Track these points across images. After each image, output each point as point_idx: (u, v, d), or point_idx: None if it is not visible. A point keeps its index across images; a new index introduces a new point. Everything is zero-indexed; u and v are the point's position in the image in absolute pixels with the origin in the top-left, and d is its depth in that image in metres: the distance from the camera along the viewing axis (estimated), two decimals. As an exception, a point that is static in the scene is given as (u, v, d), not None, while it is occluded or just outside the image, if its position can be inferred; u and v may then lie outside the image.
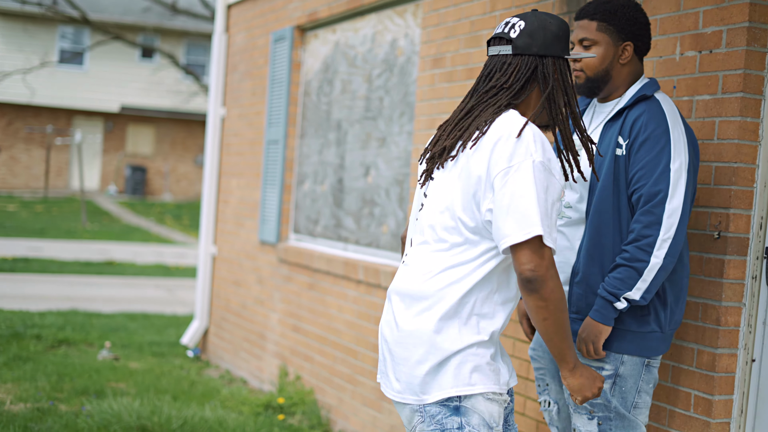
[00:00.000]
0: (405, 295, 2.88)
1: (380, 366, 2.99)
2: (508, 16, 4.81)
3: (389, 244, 6.11)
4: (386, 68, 6.25)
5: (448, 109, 5.31)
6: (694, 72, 3.67)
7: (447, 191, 2.84)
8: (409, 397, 2.82)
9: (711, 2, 3.61)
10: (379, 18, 6.37)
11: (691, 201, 3.27)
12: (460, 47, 5.24)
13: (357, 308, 6.18)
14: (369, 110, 6.45)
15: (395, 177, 6.06)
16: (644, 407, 3.36)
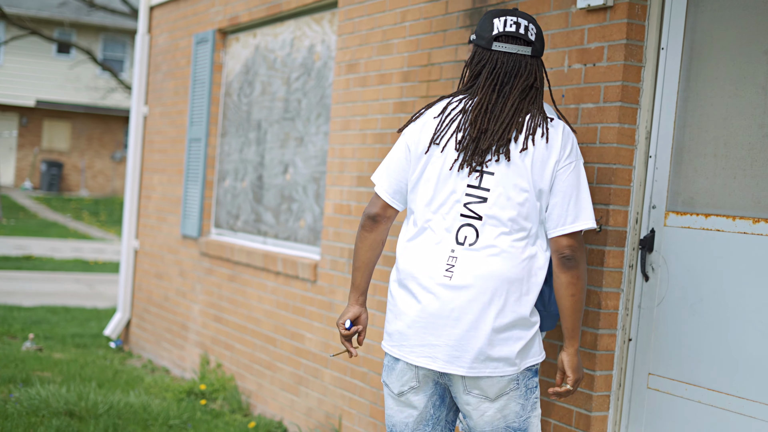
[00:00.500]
0: (503, 281, 3.16)
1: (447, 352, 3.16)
2: (417, 27, 5.22)
3: (306, 238, 6.47)
4: (304, 72, 6.61)
5: (361, 111, 5.69)
6: (580, 83, 4.11)
7: (523, 181, 3.16)
8: (507, 369, 3.19)
9: (594, 21, 4.06)
10: (297, 24, 6.73)
11: None
12: (373, 54, 5.62)
13: (276, 298, 6.54)
14: (288, 111, 6.80)
15: (312, 175, 6.43)
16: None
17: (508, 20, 3.21)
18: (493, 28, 3.21)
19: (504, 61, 3.20)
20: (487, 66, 3.22)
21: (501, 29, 3.19)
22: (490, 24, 3.23)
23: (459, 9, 4.93)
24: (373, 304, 5.40)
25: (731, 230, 3.59)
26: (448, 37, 5.00)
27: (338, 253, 5.85)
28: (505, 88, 3.21)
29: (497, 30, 3.20)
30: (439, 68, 5.05)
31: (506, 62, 3.20)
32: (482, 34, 3.23)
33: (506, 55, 3.20)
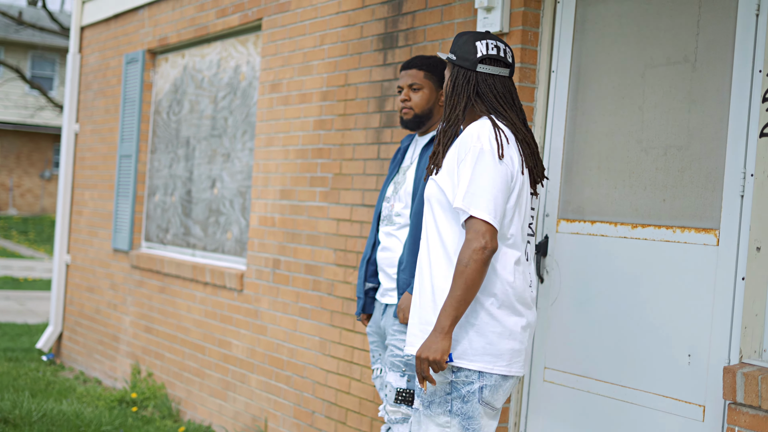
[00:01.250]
0: None
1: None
2: (335, 50, 5.58)
3: (233, 249, 6.78)
4: (230, 91, 6.93)
5: (284, 129, 6.03)
6: (481, 102, 4.49)
7: None
8: None
9: (493, 46, 4.45)
10: (224, 46, 7.05)
11: None
12: (295, 75, 5.97)
13: (204, 308, 6.83)
14: (215, 129, 7.11)
15: (238, 189, 6.74)
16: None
17: (489, 44, 3.30)
18: (476, 51, 3.30)
19: (491, 83, 3.30)
20: (481, 86, 3.29)
21: (485, 52, 3.28)
22: (473, 47, 3.31)
23: (373, 33, 5.29)
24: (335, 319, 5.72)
25: (613, 235, 3.99)
26: (363, 60, 5.36)
27: (263, 263, 6.16)
28: (515, 109, 3.35)
29: (481, 53, 3.28)
30: (355, 88, 5.41)
31: (494, 84, 3.30)
32: (465, 56, 3.30)
33: (492, 77, 3.30)
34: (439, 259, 3.26)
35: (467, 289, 3.08)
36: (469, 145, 3.18)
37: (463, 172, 3.16)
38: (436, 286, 3.25)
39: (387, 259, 4.22)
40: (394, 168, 4.38)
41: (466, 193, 3.12)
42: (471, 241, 3.10)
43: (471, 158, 3.15)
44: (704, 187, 3.68)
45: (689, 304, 3.68)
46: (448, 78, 3.38)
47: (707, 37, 3.73)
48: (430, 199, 3.31)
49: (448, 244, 3.25)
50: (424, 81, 4.21)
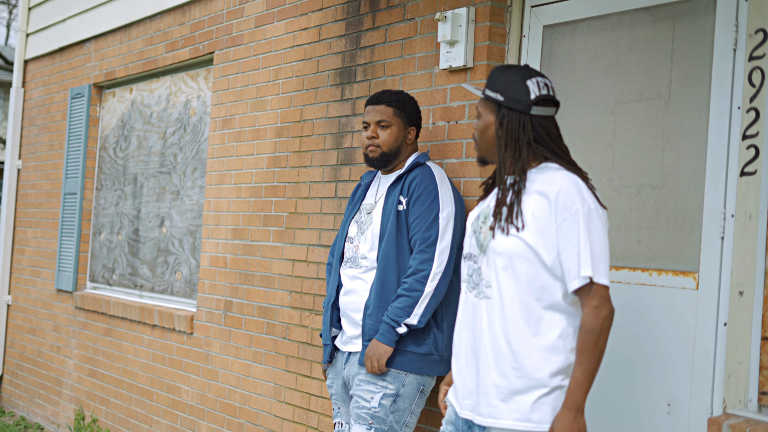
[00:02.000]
0: None
1: None
2: (290, 85, 5.39)
3: (183, 291, 6.53)
4: (180, 126, 6.71)
5: (237, 166, 5.81)
6: (444, 139, 4.32)
7: None
8: None
9: (456, 81, 4.28)
10: (173, 80, 6.83)
11: (459, 243, 3.92)
12: (248, 110, 5.76)
13: (152, 351, 6.55)
14: (164, 165, 6.87)
15: (188, 228, 6.50)
16: (412, 426, 3.94)
17: (539, 82, 3.07)
18: (529, 92, 3.03)
19: (546, 126, 3.07)
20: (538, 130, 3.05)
21: (538, 93, 3.04)
22: (524, 87, 3.04)
23: (330, 68, 5.11)
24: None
25: (585, 278, 3.82)
26: (319, 95, 5.17)
27: (214, 305, 5.92)
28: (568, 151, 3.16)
29: (534, 94, 3.03)
30: (311, 124, 5.22)
31: (549, 126, 3.08)
32: (517, 97, 3.04)
33: (546, 119, 3.08)
34: (519, 323, 2.96)
35: (600, 358, 2.86)
36: (572, 206, 2.91)
37: (569, 234, 2.90)
38: (516, 351, 2.94)
39: (351, 303, 4.02)
40: (354, 206, 4.19)
41: (591, 259, 2.87)
42: (599, 308, 2.87)
43: (581, 219, 2.89)
44: (681, 228, 3.53)
45: (667, 351, 3.51)
46: (493, 121, 3.10)
47: (682, 73, 3.59)
48: (513, 257, 2.97)
49: (535, 306, 2.95)
50: (393, 118, 4.04)
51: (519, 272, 2.95)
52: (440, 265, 3.84)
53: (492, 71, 3.15)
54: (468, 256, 3.15)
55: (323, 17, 5.20)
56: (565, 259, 2.90)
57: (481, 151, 3.17)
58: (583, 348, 2.86)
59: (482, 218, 3.12)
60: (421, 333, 3.90)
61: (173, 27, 6.65)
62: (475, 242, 3.11)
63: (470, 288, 3.11)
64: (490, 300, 3.01)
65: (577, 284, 2.87)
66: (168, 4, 6.67)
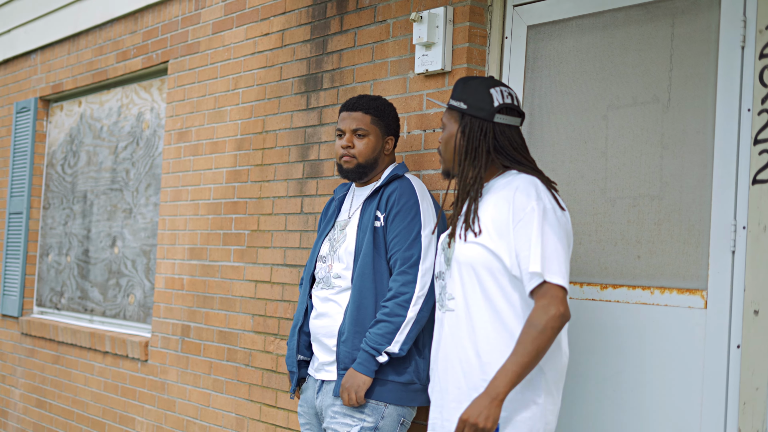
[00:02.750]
0: None
1: None
2: (251, 94, 5.05)
3: (136, 315, 6.15)
4: (132, 141, 6.34)
5: (193, 181, 5.46)
6: (420, 149, 4.01)
7: None
8: None
9: (433, 86, 3.98)
10: (125, 91, 6.46)
11: None
12: (205, 122, 5.42)
13: (104, 380, 6.16)
14: (115, 182, 6.49)
15: (142, 248, 6.13)
16: (394, 460, 3.62)
17: (503, 91, 3.07)
18: (492, 99, 3.04)
19: (510, 134, 3.05)
20: (500, 138, 3.03)
21: (501, 101, 3.04)
22: (488, 95, 3.04)
23: (294, 75, 4.79)
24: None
25: (579, 297, 3.52)
26: (283, 104, 4.85)
27: (170, 330, 5.55)
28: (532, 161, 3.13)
29: (497, 101, 3.04)
30: (274, 135, 4.89)
31: (512, 135, 3.06)
32: (480, 105, 3.03)
33: (509, 128, 3.05)
34: (488, 330, 2.88)
35: (536, 356, 2.74)
36: (527, 205, 2.85)
37: (524, 233, 2.83)
38: (485, 361, 2.86)
39: (324, 327, 3.69)
40: (328, 222, 3.86)
41: (541, 257, 2.78)
42: (548, 306, 2.77)
43: (535, 218, 2.83)
44: (686, 241, 3.24)
45: (673, 377, 3.21)
46: (456, 130, 3.07)
47: (683, 73, 3.31)
48: (474, 265, 2.91)
49: (503, 312, 2.88)
50: (370, 127, 3.73)
51: (483, 279, 2.89)
52: (423, 288, 3.52)
53: (456, 82, 3.14)
54: (439, 275, 3.11)
55: (286, 21, 4.87)
56: (521, 260, 2.82)
57: (446, 163, 3.16)
58: (520, 340, 2.76)
59: (447, 233, 3.09)
60: (402, 361, 3.58)
61: (125, 35, 6.29)
62: (443, 258, 3.07)
63: (440, 306, 3.07)
64: (453, 312, 2.95)
65: (531, 285, 2.80)
66: (119, 12, 6.32)
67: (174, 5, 5.79)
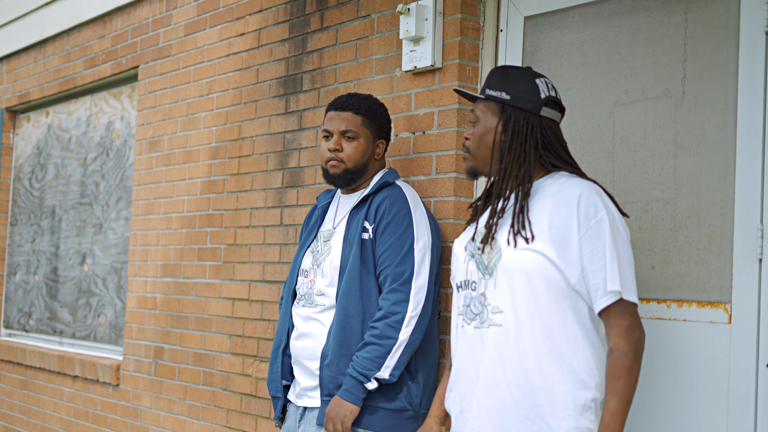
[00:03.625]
0: None
1: None
2: (226, 99, 4.73)
3: (107, 336, 5.81)
4: (102, 152, 6.01)
5: (166, 193, 5.12)
6: (409, 153, 3.69)
7: None
8: None
9: (422, 85, 3.66)
10: (93, 100, 6.14)
11: (436, 279, 3.30)
12: (178, 130, 5.09)
13: (74, 406, 5.82)
14: (84, 196, 6.16)
15: (113, 265, 5.79)
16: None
17: (547, 83, 2.74)
18: (539, 91, 2.70)
19: (555, 130, 2.73)
20: (547, 134, 2.70)
21: (547, 93, 2.71)
22: (534, 85, 2.70)
23: (272, 77, 4.47)
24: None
25: (585, 312, 3.20)
26: (260, 108, 4.52)
27: (143, 353, 5.20)
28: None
29: (544, 93, 2.70)
30: (251, 142, 4.56)
31: (557, 131, 2.74)
32: (525, 96, 2.68)
33: (554, 123, 2.73)
34: (539, 348, 2.53)
35: (635, 388, 2.47)
36: (596, 213, 2.53)
37: (595, 245, 2.51)
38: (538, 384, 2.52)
39: (306, 349, 3.35)
40: (309, 233, 3.52)
41: (619, 273, 2.49)
42: (631, 329, 2.49)
43: (607, 229, 2.51)
44: (706, 249, 2.92)
45: (695, 399, 2.90)
46: (496, 123, 2.69)
47: (699, 64, 3.00)
48: (529, 274, 2.54)
49: (555, 328, 2.54)
50: (361, 128, 3.39)
51: (538, 291, 2.54)
52: (416, 307, 3.19)
53: (492, 71, 2.78)
54: (464, 284, 2.70)
55: (263, 20, 4.55)
56: (591, 274, 2.52)
57: (476, 161, 2.76)
58: (616, 374, 2.46)
59: (480, 238, 2.67)
60: (393, 386, 3.25)
61: (93, 41, 5.97)
62: (475, 266, 2.65)
63: (468, 320, 2.66)
64: (502, 327, 2.57)
65: (605, 302, 2.50)
66: (87, 16, 5.99)
67: (144, 7, 5.47)
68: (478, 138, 2.72)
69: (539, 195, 2.62)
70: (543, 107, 2.68)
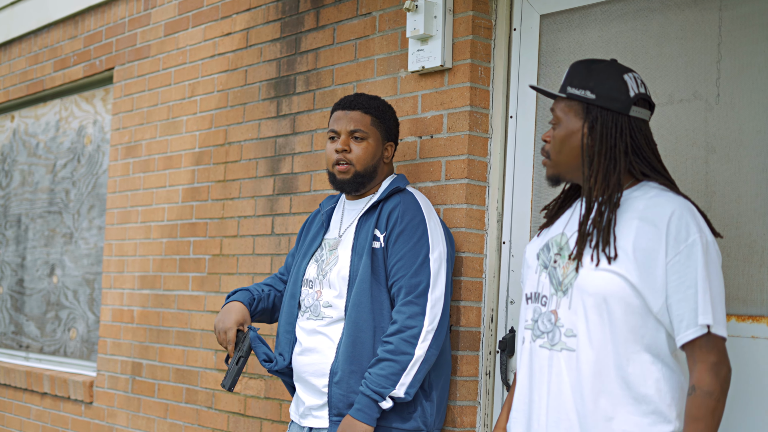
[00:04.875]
0: None
1: None
2: (211, 101, 4.51)
3: (79, 352, 5.55)
4: (73, 158, 5.75)
5: (144, 201, 4.88)
6: (415, 158, 3.49)
7: None
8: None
9: (430, 86, 3.47)
10: (63, 104, 5.88)
11: (450, 289, 3.11)
12: (157, 134, 4.85)
13: (42, 425, 5.55)
14: (53, 204, 5.89)
15: (84, 276, 5.53)
16: None
17: (636, 78, 2.48)
18: (628, 89, 2.43)
19: (646, 132, 2.47)
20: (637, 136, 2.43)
21: (637, 90, 2.45)
22: (622, 82, 2.44)
23: (261, 79, 4.25)
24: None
25: (610, 326, 3.02)
26: (249, 112, 4.30)
27: (119, 369, 4.95)
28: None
29: (633, 91, 2.44)
30: (238, 147, 4.34)
31: (648, 133, 2.48)
32: (614, 95, 2.42)
33: (644, 124, 2.47)
34: (610, 379, 2.31)
35: (717, 430, 2.25)
36: (688, 236, 2.29)
37: (684, 272, 2.27)
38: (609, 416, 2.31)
39: (312, 365, 3.13)
40: (313, 240, 3.30)
41: (711, 305, 2.25)
42: (719, 366, 2.26)
43: (700, 256, 2.27)
44: (747, 260, 2.75)
45: (733, 422, 2.72)
46: (582, 125, 2.44)
47: (735, 64, 2.84)
48: (608, 298, 2.30)
49: (633, 362, 2.31)
50: (371, 129, 3.19)
51: (616, 318, 2.31)
52: (433, 321, 2.99)
53: (573, 65, 2.51)
54: (534, 296, 2.48)
55: (251, 19, 4.34)
56: (676, 303, 2.28)
57: (559, 167, 2.51)
58: (697, 415, 2.24)
59: (555, 248, 2.45)
60: (407, 405, 3.05)
61: (64, 41, 5.71)
62: (548, 279, 2.43)
63: (535, 336, 2.44)
64: (574, 353, 2.34)
65: (692, 335, 2.27)
66: (57, 15, 5.73)
67: (120, 6, 5.23)
68: (561, 141, 2.47)
69: (625, 209, 2.37)
70: (632, 106, 2.42)
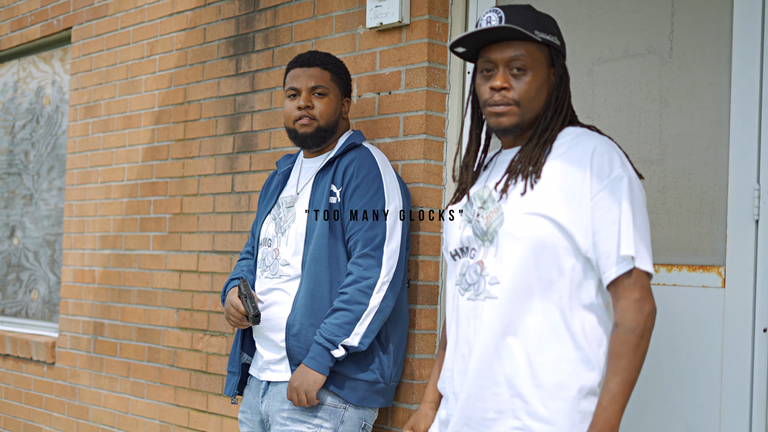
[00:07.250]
0: None
1: None
2: (170, 60, 4.49)
3: (40, 313, 5.53)
4: (31, 118, 5.70)
5: (104, 161, 4.86)
6: (374, 114, 3.51)
7: None
8: None
9: (388, 42, 3.48)
10: (21, 64, 5.82)
11: (407, 245, 3.15)
12: (116, 94, 4.83)
13: (5, 386, 5.54)
14: (12, 165, 5.85)
15: (45, 238, 5.51)
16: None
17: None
18: (562, 36, 2.44)
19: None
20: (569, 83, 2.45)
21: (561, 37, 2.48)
22: (558, 29, 2.44)
23: (220, 37, 4.24)
24: (128, 387, 4.55)
25: (565, 278, 3.06)
26: (208, 70, 4.29)
27: (81, 329, 4.95)
28: None
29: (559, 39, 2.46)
30: (198, 106, 4.33)
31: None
32: (562, 42, 2.43)
33: None
34: (541, 326, 2.24)
35: (640, 369, 2.20)
36: (611, 172, 2.24)
37: (608, 207, 2.22)
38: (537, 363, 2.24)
39: (270, 320, 3.16)
40: (269, 200, 3.33)
41: (634, 238, 2.20)
42: (642, 302, 2.20)
43: (624, 190, 2.22)
44: (698, 211, 2.80)
45: (685, 366, 2.78)
46: (550, 73, 2.39)
47: (688, 18, 2.87)
48: (535, 242, 2.24)
49: (562, 307, 2.25)
50: (330, 84, 3.22)
51: (543, 263, 2.24)
52: (389, 273, 3.02)
53: (521, 9, 2.37)
54: (461, 251, 2.41)
55: (210, -23, 4.32)
56: (601, 240, 2.23)
57: (526, 115, 2.38)
58: (620, 352, 2.19)
59: (478, 202, 2.39)
60: (364, 356, 3.09)
61: (20, 1, 5.65)
62: (472, 231, 2.37)
63: (463, 290, 2.38)
64: (497, 300, 2.27)
65: (616, 271, 2.21)
66: (13, -25, 5.67)
67: (77, -35, 5.18)
68: (535, 89, 2.34)
69: (550, 152, 2.33)
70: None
